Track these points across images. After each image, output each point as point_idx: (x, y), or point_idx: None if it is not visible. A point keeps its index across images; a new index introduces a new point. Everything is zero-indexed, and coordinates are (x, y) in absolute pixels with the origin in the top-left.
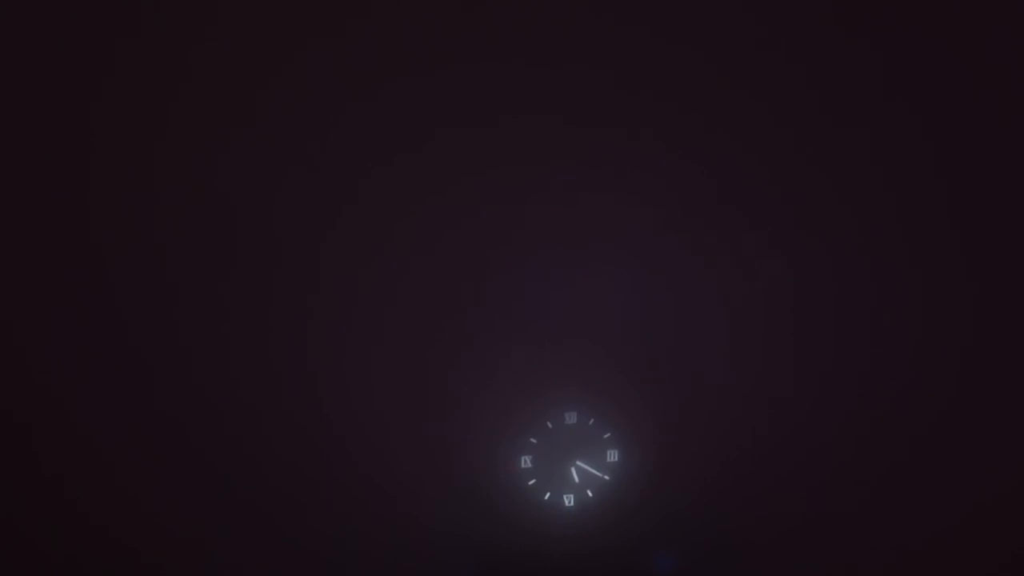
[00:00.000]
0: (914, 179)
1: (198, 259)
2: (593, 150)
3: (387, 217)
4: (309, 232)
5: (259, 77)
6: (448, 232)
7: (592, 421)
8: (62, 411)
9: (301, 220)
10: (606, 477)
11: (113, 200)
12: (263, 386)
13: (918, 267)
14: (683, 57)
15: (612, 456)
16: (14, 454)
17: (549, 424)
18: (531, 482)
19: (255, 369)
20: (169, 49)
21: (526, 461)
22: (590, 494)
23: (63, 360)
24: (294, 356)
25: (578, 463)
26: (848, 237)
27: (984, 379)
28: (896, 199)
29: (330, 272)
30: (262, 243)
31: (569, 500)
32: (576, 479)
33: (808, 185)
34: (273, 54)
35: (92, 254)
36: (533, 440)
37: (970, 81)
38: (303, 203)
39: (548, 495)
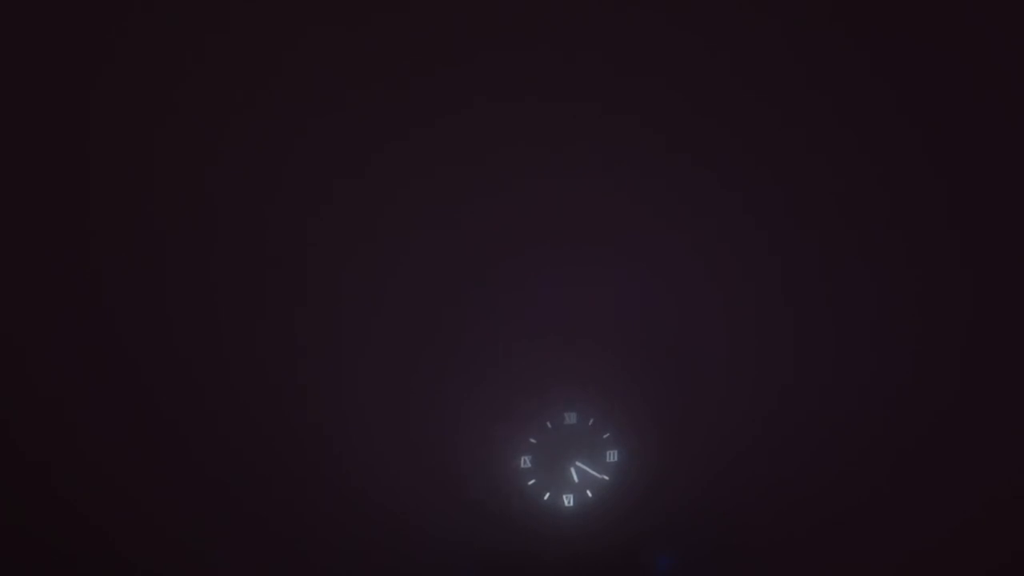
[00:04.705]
0: (914, 180)
1: (193, 262)
2: (596, 148)
3: (384, 217)
4: (304, 231)
5: (253, 76)
6: (447, 232)
7: (592, 421)
8: (60, 412)
9: (295, 219)
10: (606, 477)
11: (109, 202)
12: (258, 387)
13: (917, 267)
14: (684, 57)
15: (612, 456)
16: (13, 455)
17: (549, 424)
18: (531, 482)
19: (251, 369)
20: (161, 52)
21: (525, 461)
22: (590, 494)
23: (60, 362)
24: (290, 358)
25: (577, 463)
26: (848, 237)
27: (984, 379)
28: (896, 199)
29: (326, 273)
30: (257, 242)
31: (569, 500)
32: (576, 479)
33: (809, 185)
34: (263, 54)
35: (88, 256)
36: (532, 440)
37: (970, 81)
38: (296, 204)
39: (548, 495)
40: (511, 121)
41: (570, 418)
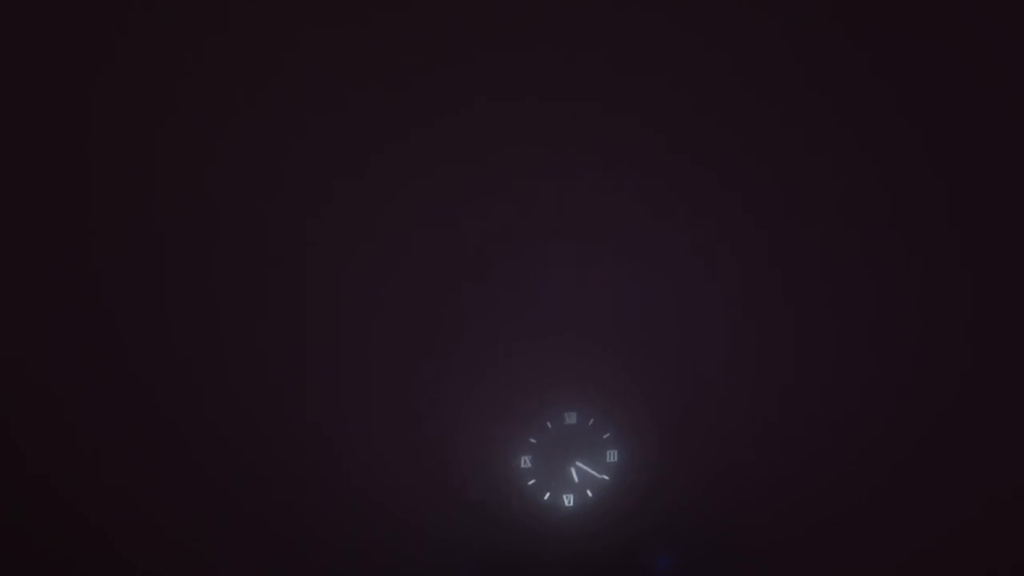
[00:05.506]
0: (914, 180)
1: (193, 262)
2: (596, 148)
3: (384, 217)
4: (304, 231)
5: (253, 76)
6: (447, 232)
7: (592, 421)
8: (60, 412)
9: (295, 219)
10: (606, 477)
11: (109, 202)
12: (258, 387)
13: (917, 267)
14: (684, 57)
15: (612, 456)
16: (13, 455)
17: (549, 424)
18: (531, 482)
19: (251, 370)
20: (161, 52)
21: (526, 461)
22: (590, 494)
23: (60, 362)
24: (289, 358)
25: (578, 463)
26: (848, 237)
27: (984, 379)
28: (896, 199)
29: (326, 273)
30: (257, 242)
31: (569, 500)
32: (576, 479)
33: (809, 185)
34: (263, 54)
35: (88, 256)
36: (533, 440)
37: (970, 81)
38: (296, 204)
39: (548, 495)
40: (511, 121)
41: (570, 418)
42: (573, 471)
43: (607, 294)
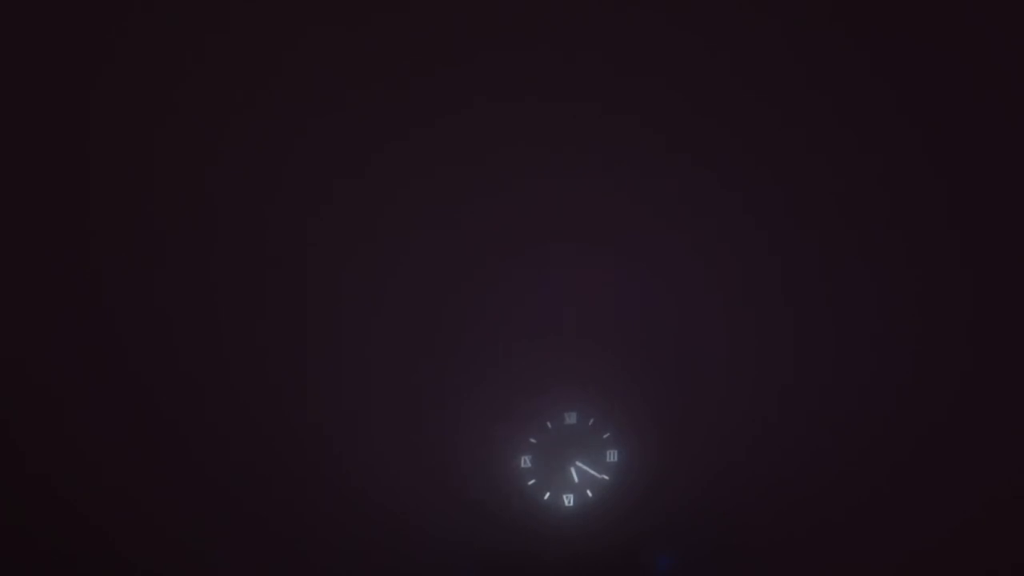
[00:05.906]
0: (914, 180)
1: (193, 262)
2: (596, 148)
3: (384, 217)
4: (304, 231)
5: (253, 76)
6: (447, 232)
7: (592, 421)
8: (60, 412)
9: (295, 219)
10: (606, 477)
11: (109, 202)
12: (258, 387)
13: (917, 267)
14: (684, 57)
15: (612, 456)
16: (13, 455)
17: (549, 424)
18: (531, 482)
19: (251, 370)
20: (161, 52)
21: (526, 461)
22: (590, 494)
23: (60, 362)
24: (290, 358)
25: (577, 463)
26: (848, 237)
27: (984, 378)
28: (896, 199)
29: (326, 273)
30: (257, 242)
31: (569, 500)
32: (576, 479)
33: (809, 185)
34: (263, 54)
35: (88, 256)
36: (533, 440)
37: (970, 81)
38: (296, 204)
39: (548, 495)
40: (511, 121)
41: (570, 418)
42: (573, 471)
43: (607, 294)
